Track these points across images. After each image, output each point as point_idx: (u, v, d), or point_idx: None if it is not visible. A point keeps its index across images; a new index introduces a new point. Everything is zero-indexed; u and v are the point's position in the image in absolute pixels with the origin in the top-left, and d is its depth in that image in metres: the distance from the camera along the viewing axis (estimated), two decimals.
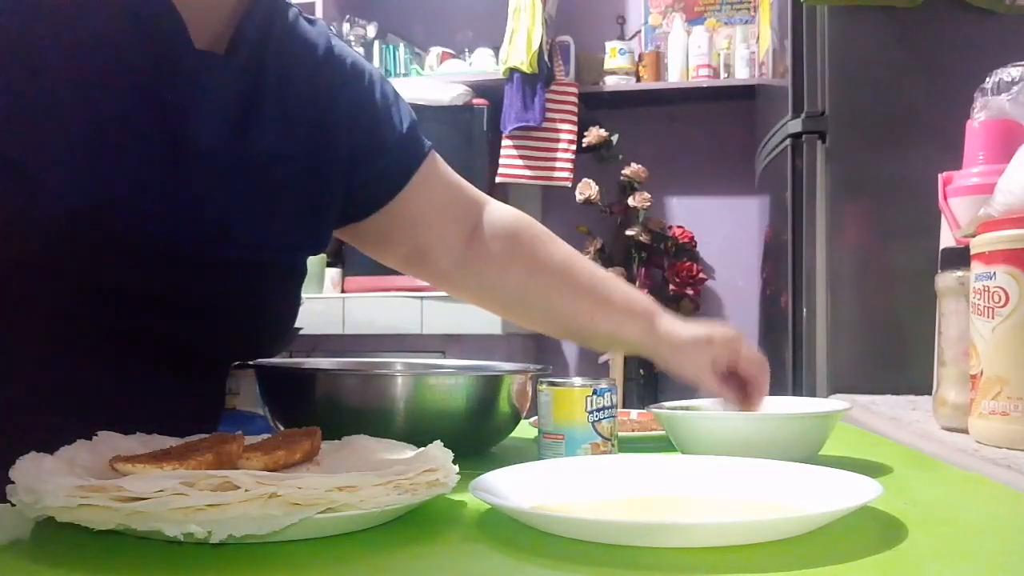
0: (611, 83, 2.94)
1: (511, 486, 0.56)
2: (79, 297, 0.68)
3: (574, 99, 2.89)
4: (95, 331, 0.70)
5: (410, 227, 0.90)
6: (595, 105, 3.00)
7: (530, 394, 0.83)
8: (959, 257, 0.89)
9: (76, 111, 0.67)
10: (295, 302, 0.83)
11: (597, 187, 2.83)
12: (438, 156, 0.92)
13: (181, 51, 0.71)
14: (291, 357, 2.29)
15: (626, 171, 2.86)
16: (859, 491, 0.52)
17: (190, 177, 0.71)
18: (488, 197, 0.98)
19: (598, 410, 0.73)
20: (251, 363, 0.83)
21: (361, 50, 3.10)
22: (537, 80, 2.78)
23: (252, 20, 0.75)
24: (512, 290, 0.94)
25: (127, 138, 0.69)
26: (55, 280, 0.67)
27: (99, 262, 0.67)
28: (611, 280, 0.94)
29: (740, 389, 0.84)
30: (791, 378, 1.90)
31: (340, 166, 0.82)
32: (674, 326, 0.88)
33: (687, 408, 0.85)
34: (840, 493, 0.53)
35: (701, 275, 2.87)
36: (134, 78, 0.69)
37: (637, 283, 2.84)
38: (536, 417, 0.77)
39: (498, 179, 2.85)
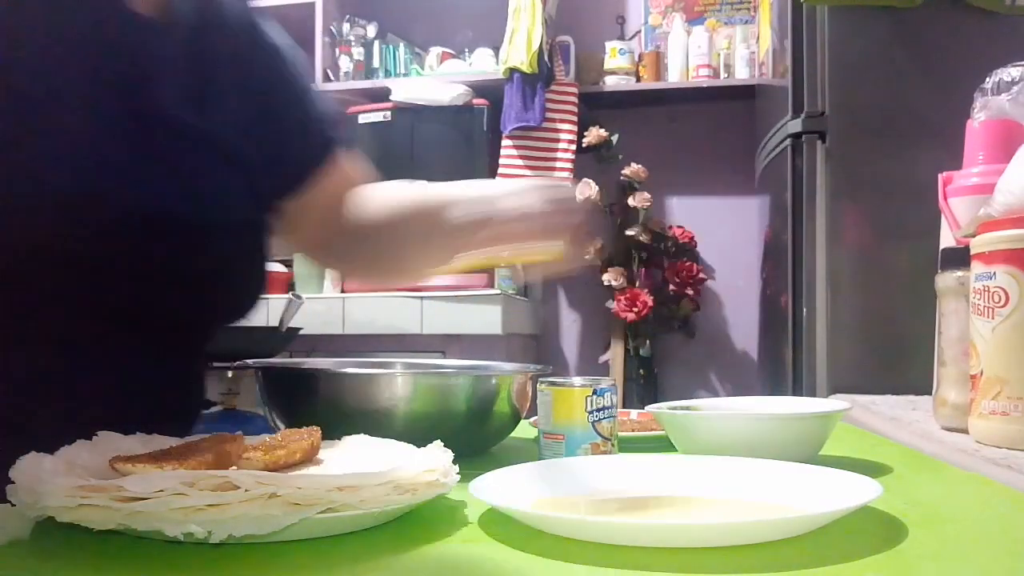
0: (611, 83, 2.94)
1: (511, 486, 0.56)
2: (52, 276, 0.68)
3: (574, 99, 2.89)
4: (68, 310, 0.70)
5: (308, 213, 0.91)
6: (595, 105, 3.00)
7: (530, 394, 0.83)
8: (959, 257, 0.89)
9: (34, 91, 0.67)
10: (263, 261, 0.85)
11: (597, 187, 2.83)
12: (348, 145, 0.94)
13: (125, 18, 0.72)
14: (291, 357, 2.29)
15: (626, 171, 2.86)
16: (859, 491, 0.52)
17: (154, 145, 0.72)
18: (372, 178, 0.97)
19: (598, 410, 0.73)
20: (251, 363, 0.83)
21: (361, 50, 3.10)
22: (537, 80, 2.78)
23: None
24: (381, 245, 0.92)
25: (88, 112, 0.69)
26: (28, 259, 0.67)
27: (71, 237, 0.67)
28: (467, 185, 0.87)
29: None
30: (791, 378, 1.90)
31: (278, 148, 0.84)
32: (518, 200, 0.80)
33: (687, 408, 0.85)
34: (840, 493, 0.53)
35: (701, 275, 2.87)
36: (85, 51, 0.70)
37: (637, 283, 2.84)
38: (536, 417, 0.77)
39: (498, 179, 2.85)
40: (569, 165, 2.85)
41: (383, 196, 0.93)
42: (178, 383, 0.83)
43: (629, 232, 2.83)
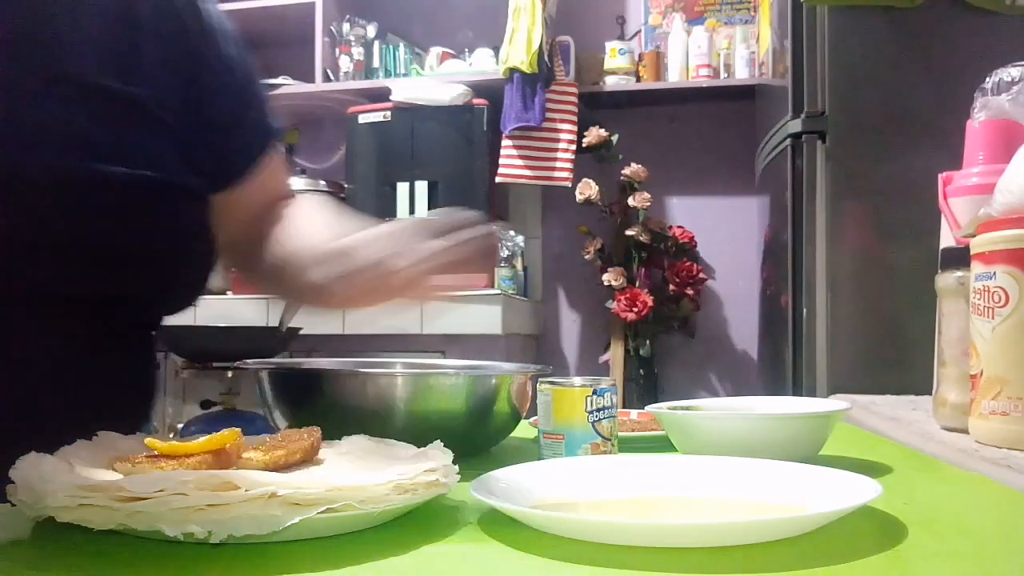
0: (611, 83, 2.94)
1: (511, 486, 0.56)
2: None
3: (574, 99, 2.89)
4: (12, 295, 0.68)
5: (236, 208, 0.88)
6: (595, 105, 3.00)
7: (530, 394, 0.83)
8: (959, 257, 0.89)
9: None
10: (207, 233, 0.81)
11: (597, 187, 2.83)
12: (279, 145, 0.91)
13: None
14: (291, 357, 2.30)
15: (626, 171, 2.86)
16: (859, 491, 0.52)
17: (76, 110, 0.70)
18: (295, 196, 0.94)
19: (598, 410, 0.73)
20: (251, 363, 0.83)
21: (361, 50, 3.10)
22: (537, 80, 2.78)
23: None
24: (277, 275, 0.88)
25: (5, 74, 0.68)
26: None
27: (8, 213, 0.66)
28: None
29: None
30: (791, 378, 1.90)
31: (212, 132, 0.81)
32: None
33: (687, 408, 0.85)
34: (840, 493, 0.53)
35: (701, 275, 2.87)
36: (13, 19, 0.69)
37: (637, 283, 2.84)
38: (536, 417, 0.77)
39: (498, 179, 2.85)
40: (569, 165, 2.85)
41: (296, 235, 0.87)
42: (127, 372, 0.81)
43: (629, 232, 2.83)
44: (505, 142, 2.85)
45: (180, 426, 2.50)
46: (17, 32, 0.69)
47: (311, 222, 0.86)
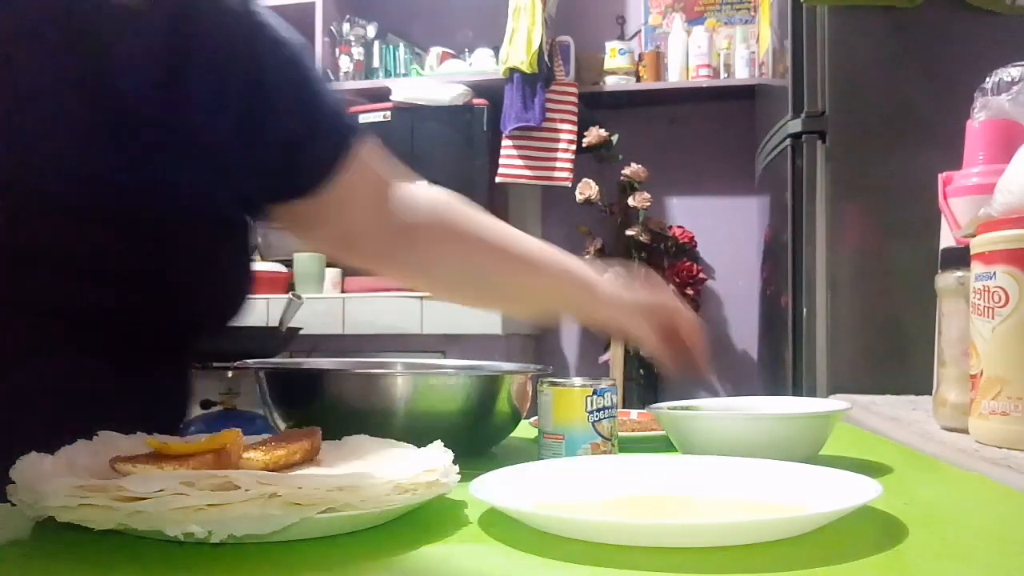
0: (611, 83, 2.94)
1: (511, 486, 0.56)
2: (32, 279, 0.67)
3: (574, 99, 2.89)
4: (49, 314, 0.69)
5: (336, 211, 0.87)
6: (595, 105, 3.00)
7: (530, 394, 0.83)
8: (959, 257, 0.89)
9: (3, 81, 0.66)
10: (247, 265, 0.83)
11: (597, 187, 2.83)
12: (366, 137, 0.89)
13: (96, 7, 0.69)
14: (291, 357, 2.29)
15: (626, 171, 2.86)
16: (859, 491, 0.52)
17: (128, 142, 0.70)
18: (409, 178, 0.96)
19: (598, 410, 0.73)
20: (251, 363, 0.83)
21: (361, 50, 3.10)
22: (537, 80, 2.78)
23: None
24: (447, 265, 0.92)
25: (56, 103, 0.68)
26: (3, 257, 0.66)
27: (46, 239, 0.67)
28: (543, 246, 0.94)
29: (682, 354, 0.90)
30: (791, 378, 1.90)
31: (276, 147, 0.80)
32: (616, 288, 0.90)
33: (687, 408, 0.85)
34: (840, 493, 0.53)
35: (701, 275, 2.87)
36: (51, 39, 0.68)
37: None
38: (536, 417, 0.77)
39: (498, 179, 2.85)
40: (569, 165, 2.85)
41: (457, 217, 0.92)
42: (163, 388, 0.82)
43: (629, 232, 2.83)
44: (505, 142, 2.85)
45: (180, 426, 2.49)
46: (74, 64, 0.68)
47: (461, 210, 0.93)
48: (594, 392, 0.73)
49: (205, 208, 0.75)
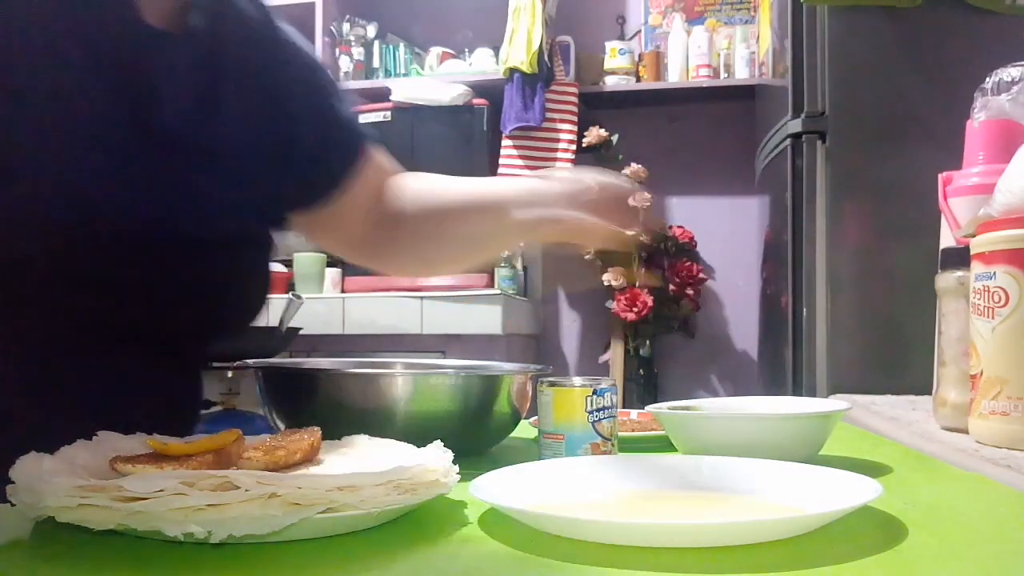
0: (611, 83, 2.94)
1: (511, 486, 0.56)
2: (58, 289, 0.68)
3: (574, 99, 2.89)
4: (74, 323, 0.70)
5: (349, 213, 0.90)
6: (595, 105, 3.00)
7: (530, 394, 0.83)
8: (959, 257, 0.89)
9: (41, 105, 0.66)
10: (266, 274, 0.86)
11: None
12: (373, 141, 0.93)
13: (135, 30, 0.69)
14: (291, 357, 2.29)
15: (626, 171, 2.86)
16: (859, 491, 0.52)
17: (161, 162, 0.71)
18: (399, 170, 0.98)
19: (598, 410, 0.73)
20: (251, 363, 0.83)
21: (361, 50, 3.10)
22: (537, 80, 2.78)
23: None
24: (433, 240, 0.95)
25: (96, 128, 0.68)
26: (31, 272, 0.67)
27: (77, 253, 0.67)
28: (494, 184, 0.97)
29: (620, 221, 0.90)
30: (791, 378, 1.90)
31: (300, 158, 0.82)
32: (556, 191, 0.88)
33: (687, 408, 0.85)
34: (840, 493, 0.53)
35: (701, 275, 2.87)
36: (93, 64, 0.68)
37: (637, 283, 2.84)
38: (536, 417, 0.77)
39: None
40: (569, 165, 2.85)
41: (429, 189, 0.94)
42: (178, 391, 0.83)
43: (629, 232, 2.83)
44: (505, 142, 2.85)
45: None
46: (104, 83, 0.69)
47: (433, 179, 0.95)
48: (594, 392, 0.73)
49: (233, 223, 0.76)
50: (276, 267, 2.85)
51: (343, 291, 2.79)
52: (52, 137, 0.67)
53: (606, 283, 2.82)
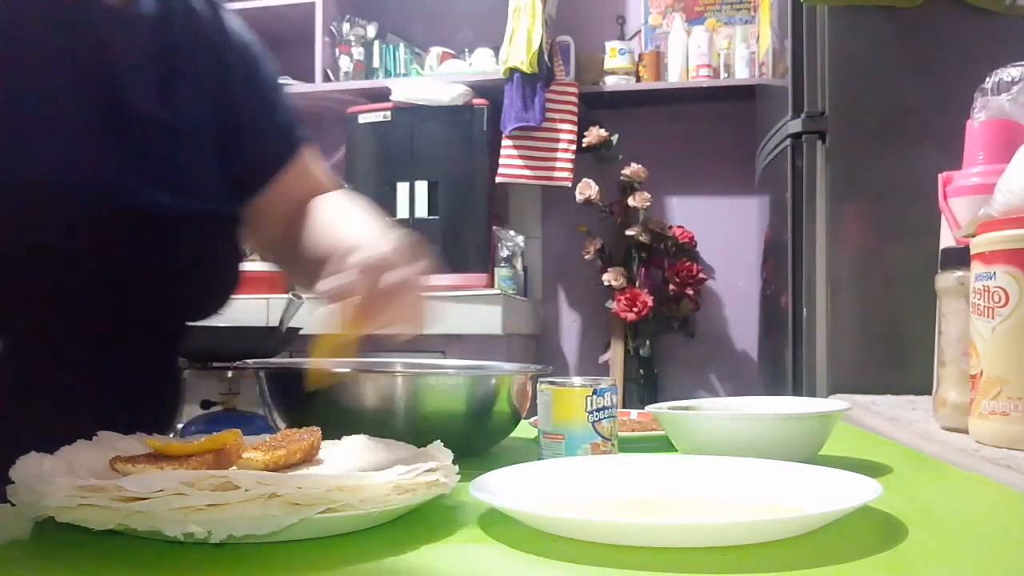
0: (611, 83, 2.94)
1: (511, 486, 0.56)
2: (23, 271, 0.68)
3: (574, 99, 2.89)
4: (41, 305, 0.70)
5: (272, 214, 0.90)
6: (595, 105, 3.00)
7: (530, 394, 0.83)
8: (959, 257, 0.89)
9: (1, 83, 0.66)
10: (238, 253, 0.85)
11: (597, 187, 2.83)
12: (309, 146, 0.93)
13: (95, 11, 0.71)
14: (291, 357, 2.29)
15: (626, 171, 2.86)
16: (859, 491, 0.52)
17: (126, 137, 0.71)
18: (335, 185, 0.96)
19: (598, 410, 0.73)
20: (251, 363, 0.83)
21: (361, 50, 3.10)
22: (537, 80, 2.78)
23: None
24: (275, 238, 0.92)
25: (60, 106, 0.69)
26: (8, 256, 0.66)
27: (41, 232, 0.67)
28: (352, 219, 0.83)
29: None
30: (791, 378, 1.90)
31: (242, 141, 0.83)
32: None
33: (687, 408, 0.85)
34: (840, 493, 0.53)
35: (701, 275, 2.87)
36: (55, 43, 0.69)
37: (637, 283, 2.84)
38: (536, 417, 0.77)
39: (498, 179, 2.85)
40: (569, 165, 2.85)
41: (316, 213, 0.89)
42: (155, 378, 0.82)
43: (629, 232, 2.83)
44: (505, 142, 2.85)
45: (180, 426, 2.49)
46: (79, 66, 0.69)
47: (332, 218, 0.88)
48: (594, 392, 0.73)
49: (199, 200, 0.76)
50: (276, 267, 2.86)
51: None
52: (11, 114, 0.67)
53: (606, 283, 2.82)
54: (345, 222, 0.82)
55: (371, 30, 3.14)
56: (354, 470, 0.58)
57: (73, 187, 0.68)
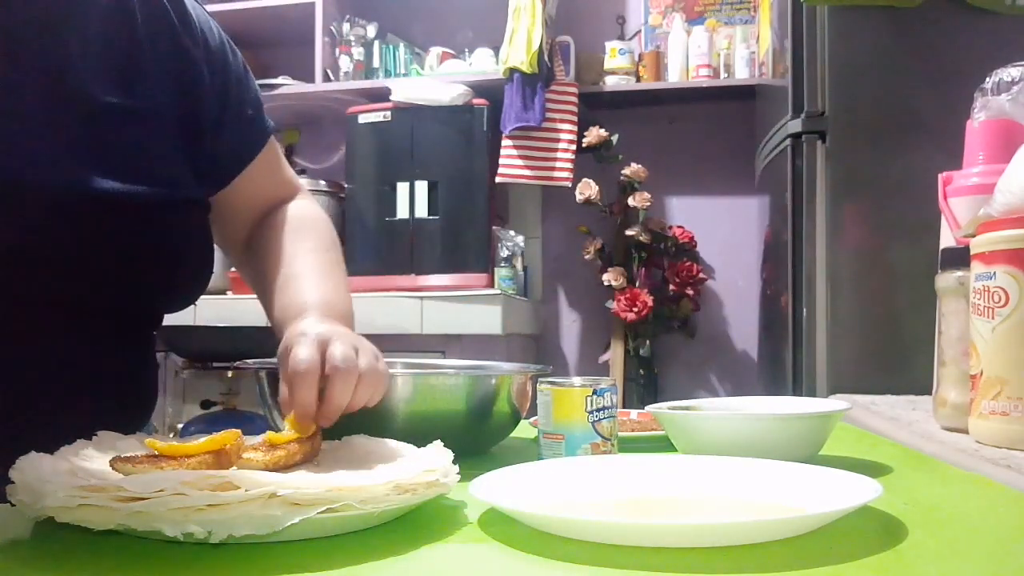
0: (611, 83, 2.94)
1: (511, 486, 0.56)
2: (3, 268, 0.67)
3: (574, 99, 2.89)
4: (8, 299, 0.69)
5: (234, 213, 0.89)
6: (595, 105, 3.00)
7: (530, 394, 0.83)
8: (959, 257, 0.89)
9: None
10: (208, 241, 0.83)
11: (597, 187, 2.83)
12: (275, 140, 0.92)
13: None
14: None
15: (626, 171, 2.86)
16: (859, 491, 0.52)
17: (84, 126, 0.70)
18: (301, 189, 0.96)
19: (598, 410, 0.73)
20: (251, 363, 0.83)
21: (361, 50, 3.10)
22: (537, 80, 2.78)
23: None
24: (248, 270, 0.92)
25: (10, 94, 0.68)
26: None
27: (18, 227, 0.67)
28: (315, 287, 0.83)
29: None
30: (791, 378, 1.90)
31: (207, 129, 0.82)
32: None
33: (687, 408, 0.85)
34: (840, 493, 0.53)
35: (701, 275, 2.87)
36: (5, 32, 0.68)
37: (637, 283, 2.84)
38: (536, 417, 0.77)
39: (498, 179, 2.85)
40: (569, 165, 2.85)
41: (277, 234, 0.88)
42: (128, 373, 0.82)
43: (629, 232, 2.83)
44: (505, 142, 2.85)
45: (180, 426, 2.50)
46: (28, 52, 0.69)
47: (283, 285, 0.84)
48: (594, 392, 0.73)
49: (173, 190, 0.75)
50: None
51: None
52: None
53: (606, 283, 2.82)
54: (291, 297, 0.81)
55: (371, 30, 3.14)
56: (354, 470, 0.58)
57: (22, 174, 0.67)
